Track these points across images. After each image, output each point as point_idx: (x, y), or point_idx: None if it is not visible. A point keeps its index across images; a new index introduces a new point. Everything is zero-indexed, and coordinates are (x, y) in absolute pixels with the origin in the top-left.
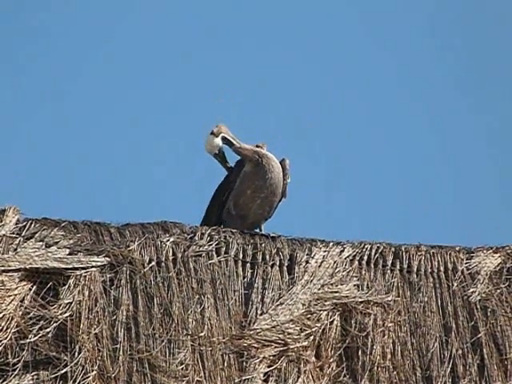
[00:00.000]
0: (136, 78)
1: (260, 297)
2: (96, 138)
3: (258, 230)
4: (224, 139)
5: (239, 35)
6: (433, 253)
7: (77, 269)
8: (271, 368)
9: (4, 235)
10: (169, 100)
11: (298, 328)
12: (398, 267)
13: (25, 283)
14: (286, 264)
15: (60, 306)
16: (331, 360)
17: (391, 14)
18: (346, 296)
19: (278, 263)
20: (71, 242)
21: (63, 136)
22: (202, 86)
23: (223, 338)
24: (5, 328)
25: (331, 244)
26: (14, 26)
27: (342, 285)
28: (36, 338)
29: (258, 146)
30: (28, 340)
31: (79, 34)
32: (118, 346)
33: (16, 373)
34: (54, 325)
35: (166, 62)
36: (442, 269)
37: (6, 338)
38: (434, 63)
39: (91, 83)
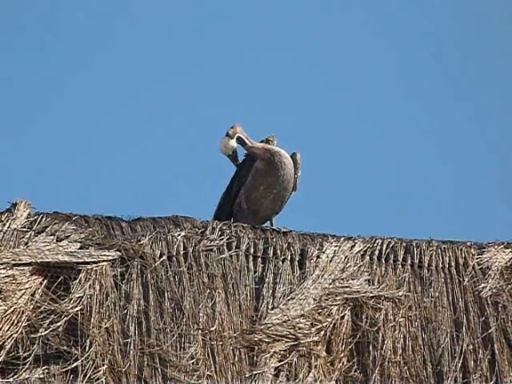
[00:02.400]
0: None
1: (271, 291)
2: (107, 133)
3: (268, 224)
4: (238, 139)
5: (239, 36)
6: (444, 248)
7: (88, 263)
8: (282, 363)
9: (15, 229)
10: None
11: (308, 323)
12: (409, 262)
13: (36, 277)
14: (297, 259)
15: (71, 300)
16: (342, 355)
17: (393, 14)
18: (357, 291)
19: (289, 258)
20: (82, 236)
21: (74, 130)
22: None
23: (234, 333)
24: (16, 322)
25: (342, 239)
26: (13, 26)
27: (352, 280)
28: (47, 332)
29: (267, 140)
30: (39, 334)
31: (79, 36)
32: (128, 340)
33: (27, 367)
34: (65, 319)
35: (164, 63)
36: (453, 264)
37: (17, 332)
38: (435, 67)
39: (99, 78)
